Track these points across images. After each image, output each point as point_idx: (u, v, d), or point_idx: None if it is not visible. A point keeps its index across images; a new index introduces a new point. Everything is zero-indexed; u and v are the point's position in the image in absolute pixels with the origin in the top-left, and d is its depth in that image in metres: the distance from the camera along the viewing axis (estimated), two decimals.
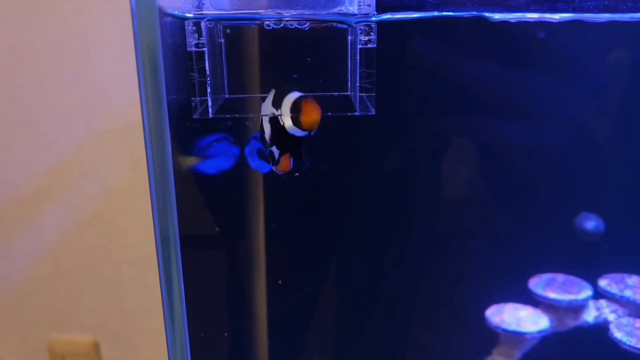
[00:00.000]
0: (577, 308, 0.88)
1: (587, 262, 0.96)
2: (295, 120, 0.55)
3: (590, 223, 0.94)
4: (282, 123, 0.56)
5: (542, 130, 0.96)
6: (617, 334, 0.85)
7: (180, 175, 0.72)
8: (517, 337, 0.86)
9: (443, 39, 0.87)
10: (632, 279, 0.91)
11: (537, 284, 0.91)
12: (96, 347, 0.81)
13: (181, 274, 0.78)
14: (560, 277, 0.92)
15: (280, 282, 1.05)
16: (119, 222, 0.77)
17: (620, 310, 0.89)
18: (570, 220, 0.96)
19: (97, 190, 0.76)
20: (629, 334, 0.84)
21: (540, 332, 0.86)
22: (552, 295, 0.88)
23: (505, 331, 0.86)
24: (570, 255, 0.97)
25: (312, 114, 0.54)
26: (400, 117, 0.96)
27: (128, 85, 0.71)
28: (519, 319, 0.88)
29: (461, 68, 0.89)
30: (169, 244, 0.75)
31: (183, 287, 0.79)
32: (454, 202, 1.02)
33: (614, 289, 0.89)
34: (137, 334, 0.82)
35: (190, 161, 0.81)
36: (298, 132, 0.56)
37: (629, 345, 0.83)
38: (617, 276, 0.92)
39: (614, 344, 0.85)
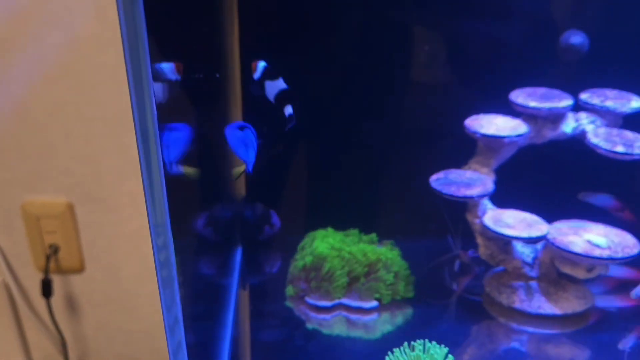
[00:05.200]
0: (556, 117, 0.88)
1: (570, 77, 0.95)
2: None
3: (577, 38, 0.92)
4: None
5: None
6: (594, 140, 0.85)
7: None
8: (494, 141, 0.86)
9: None
10: (613, 92, 0.90)
11: (518, 94, 0.90)
12: (71, 208, 0.79)
13: (158, 138, 0.74)
14: (541, 90, 0.91)
15: None
16: (89, 76, 0.72)
17: (599, 121, 0.89)
18: (554, 38, 0.94)
19: (63, 40, 0.71)
20: (605, 139, 0.84)
21: (518, 135, 0.85)
22: (532, 104, 0.87)
23: (484, 136, 0.86)
24: (553, 71, 0.96)
25: None
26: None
27: None
28: (498, 125, 0.87)
29: None
30: (144, 102, 0.70)
31: (160, 147, 0.75)
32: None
33: (594, 100, 0.89)
34: (112, 195, 0.80)
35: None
36: None
37: (605, 149, 0.84)
38: (598, 90, 0.91)
39: (590, 150, 0.85)
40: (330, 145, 1.05)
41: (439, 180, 0.87)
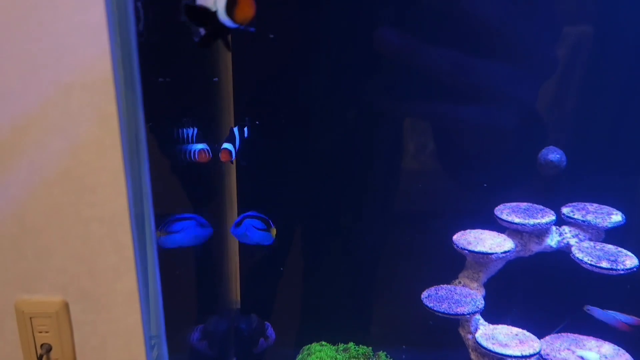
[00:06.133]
0: (541, 232, 0.91)
1: (550, 194, 0.99)
2: (230, 10, 0.56)
3: (555, 155, 0.97)
4: (215, 9, 0.57)
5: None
6: (579, 255, 0.87)
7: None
8: (482, 258, 0.88)
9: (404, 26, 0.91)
10: (594, 206, 0.94)
11: (502, 210, 0.93)
12: (66, 307, 0.80)
13: (154, 234, 0.78)
14: (524, 205, 0.95)
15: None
16: (88, 179, 0.77)
17: (582, 235, 0.92)
18: (533, 158, 0.99)
19: (65, 146, 0.76)
20: (589, 254, 0.87)
21: (505, 252, 0.88)
22: (517, 220, 0.90)
23: (472, 252, 0.88)
24: (534, 188, 1.00)
25: (247, 10, 0.56)
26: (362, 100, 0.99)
27: (98, 37, 0.71)
28: (485, 242, 0.90)
29: (421, 53, 0.92)
30: (141, 203, 0.75)
31: (156, 248, 0.79)
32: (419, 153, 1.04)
33: (576, 215, 0.92)
34: (107, 293, 0.82)
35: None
36: (229, 23, 0.57)
37: (590, 264, 0.86)
38: (579, 204, 0.95)
39: (575, 264, 0.88)
40: (326, 255, 1.08)
41: (430, 296, 0.88)
